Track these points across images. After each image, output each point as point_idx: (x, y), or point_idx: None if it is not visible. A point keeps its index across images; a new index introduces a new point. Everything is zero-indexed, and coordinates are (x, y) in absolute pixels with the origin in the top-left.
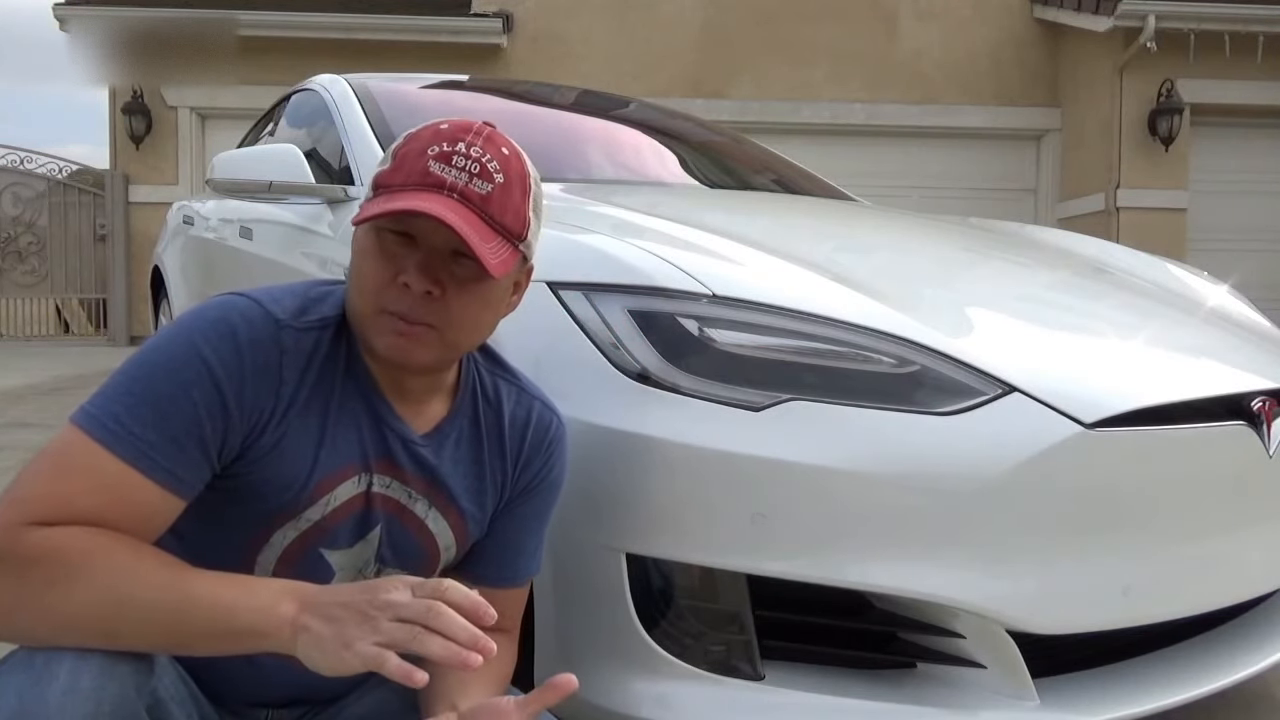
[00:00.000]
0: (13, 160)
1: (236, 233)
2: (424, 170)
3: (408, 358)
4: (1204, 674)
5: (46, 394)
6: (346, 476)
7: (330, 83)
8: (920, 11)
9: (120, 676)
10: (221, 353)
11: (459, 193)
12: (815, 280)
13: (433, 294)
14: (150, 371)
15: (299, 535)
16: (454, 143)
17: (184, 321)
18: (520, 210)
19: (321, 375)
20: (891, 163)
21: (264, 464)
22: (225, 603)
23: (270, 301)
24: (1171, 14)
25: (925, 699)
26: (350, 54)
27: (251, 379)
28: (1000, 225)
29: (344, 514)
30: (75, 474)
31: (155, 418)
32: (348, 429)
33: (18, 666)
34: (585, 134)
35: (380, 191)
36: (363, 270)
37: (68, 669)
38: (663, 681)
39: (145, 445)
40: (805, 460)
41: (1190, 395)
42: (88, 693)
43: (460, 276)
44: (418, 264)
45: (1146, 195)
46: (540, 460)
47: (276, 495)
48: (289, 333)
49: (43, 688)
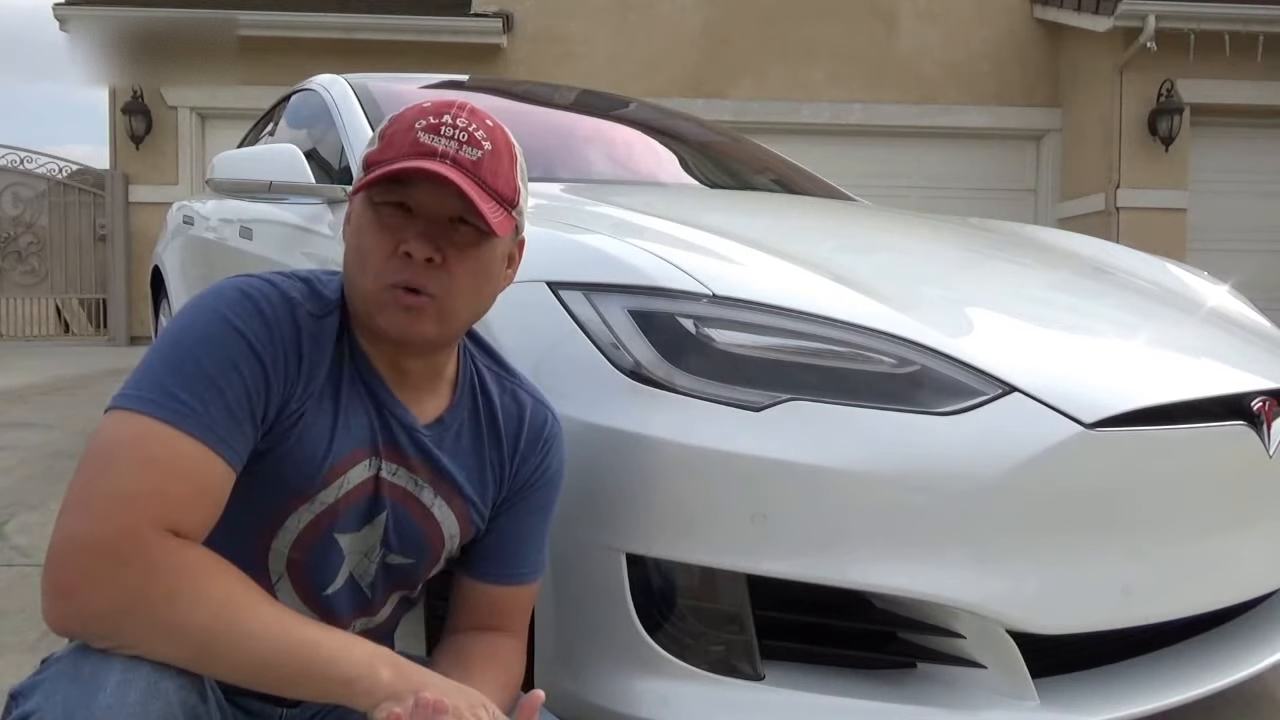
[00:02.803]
0: (13, 160)
1: (237, 233)
2: (414, 141)
3: (411, 331)
4: (1204, 674)
5: (46, 394)
6: (359, 459)
7: (330, 83)
8: (920, 11)
9: (166, 692)
10: (254, 326)
11: (451, 159)
12: (815, 280)
13: (434, 261)
14: (190, 351)
15: (313, 519)
16: (439, 115)
17: (205, 302)
18: (510, 177)
19: (333, 359)
20: (891, 163)
21: (287, 441)
22: (326, 652)
23: (280, 282)
24: (1171, 14)
25: (925, 699)
26: (350, 54)
27: (281, 350)
28: (1000, 225)
29: (356, 497)
30: (161, 462)
31: (213, 393)
32: (358, 413)
33: (64, 674)
34: (585, 134)
35: (372, 169)
36: (361, 246)
37: (115, 681)
38: (663, 681)
39: (213, 421)
40: (805, 460)
41: (1190, 395)
42: (133, 707)
43: (459, 242)
44: (417, 232)
45: (1146, 195)
46: (537, 456)
47: (295, 474)
48: (302, 312)
49: (88, 699)
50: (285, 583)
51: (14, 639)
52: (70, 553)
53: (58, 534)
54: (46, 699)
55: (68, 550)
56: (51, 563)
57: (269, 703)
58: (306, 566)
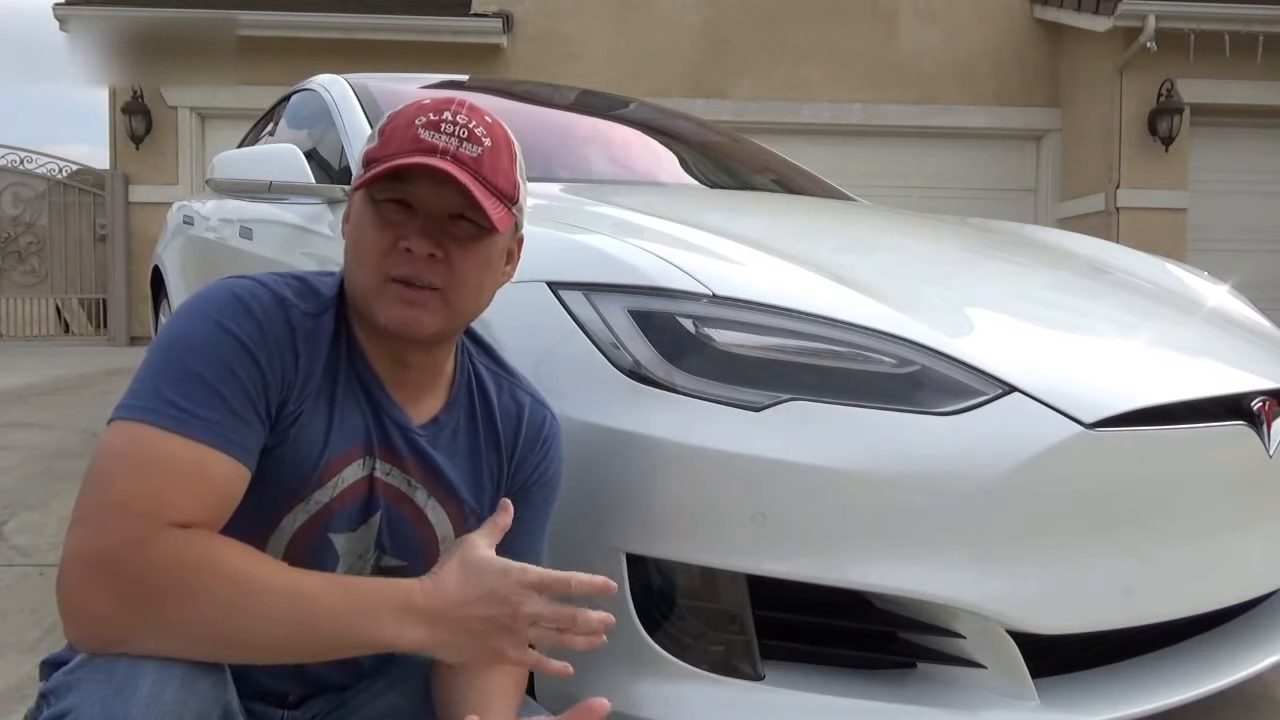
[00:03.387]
0: (13, 160)
1: (237, 233)
2: (415, 138)
3: (414, 328)
4: (1204, 674)
5: (46, 394)
6: (353, 459)
7: (330, 83)
8: (920, 11)
9: (202, 691)
10: (245, 326)
11: (452, 155)
12: (815, 280)
13: (436, 256)
14: (183, 356)
15: (308, 519)
16: (439, 112)
17: (194, 306)
18: (510, 173)
19: (328, 357)
20: (891, 163)
21: (284, 439)
22: (348, 620)
23: (272, 282)
24: (1171, 14)
25: (925, 699)
26: (350, 54)
27: (276, 349)
28: (1000, 225)
29: (350, 497)
30: (155, 467)
31: (210, 396)
32: (353, 412)
33: (98, 674)
34: (585, 134)
35: (372, 165)
36: (362, 241)
37: (150, 680)
38: (663, 681)
39: (212, 424)
40: (805, 460)
41: (1190, 395)
42: (170, 706)
43: (459, 237)
44: (418, 228)
45: (1146, 195)
46: (536, 456)
47: (291, 474)
48: (295, 312)
49: (126, 698)
50: None
51: (14, 639)
52: (71, 573)
53: (62, 555)
54: (84, 698)
55: (69, 568)
56: (59, 584)
57: (270, 704)
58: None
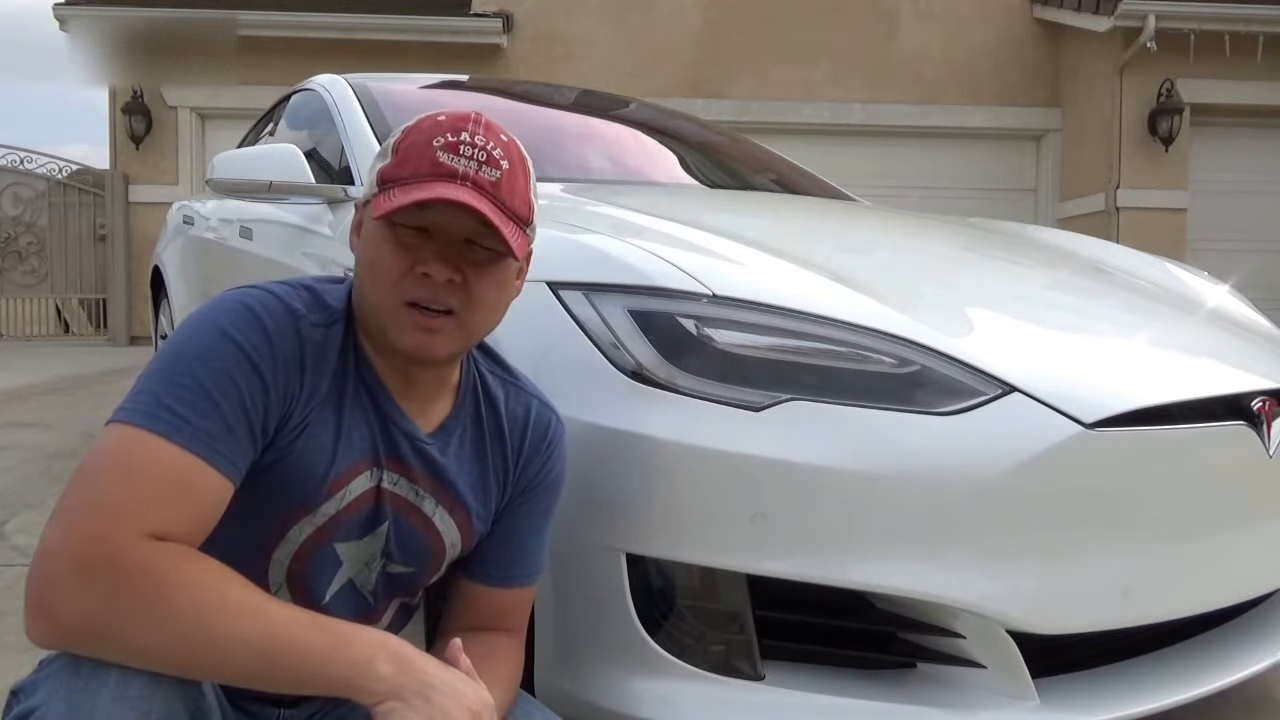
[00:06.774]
0: (13, 160)
1: (237, 233)
2: (433, 160)
3: (431, 352)
4: (1204, 674)
5: (46, 394)
6: (360, 471)
7: (330, 83)
8: (920, 11)
9: (166, 685)
10: (253, 339)
11: (471, 180)
12: (815, 280)
13: (454, 281)
14: (188, 364)
15: (315, 531)
16: (457, 133)
17: (205, 315)
18: (525, 195)
19: (336, 369)
20: (891, 163)
21: (289, 454)
22: (316, 651)
23: (283, 293)
24: (1171, 14)
25: (925, 699)
26: (350, 54)
27: (282, 364)
28: (1000, 225)
29: (357, 508)
30: (144, 472)
31: (208, 406)
32: (360, 424)
33: (64, 671)
34: (585, 134)
35: (388, 186)
36: (379, 263)
37: (116, 676)
38: (663, 681)
39: (205, 434)
40: (805, 460)
41: (1190, 395)
42: (135, 700)
43: (476, 261)
44: (435, 253)
45: (1146, 195)
46: (541, 459)
47: (298, 487)
48: (305, 324)
49: (92, 692)
50: (284, 592)
51: (14, 639)
52: (42, 567)
53: (36, 549)
54: (50, 696)
55: (40, 565)
56: (29, 579)
57: (267, 704)
58: (306, 576)
